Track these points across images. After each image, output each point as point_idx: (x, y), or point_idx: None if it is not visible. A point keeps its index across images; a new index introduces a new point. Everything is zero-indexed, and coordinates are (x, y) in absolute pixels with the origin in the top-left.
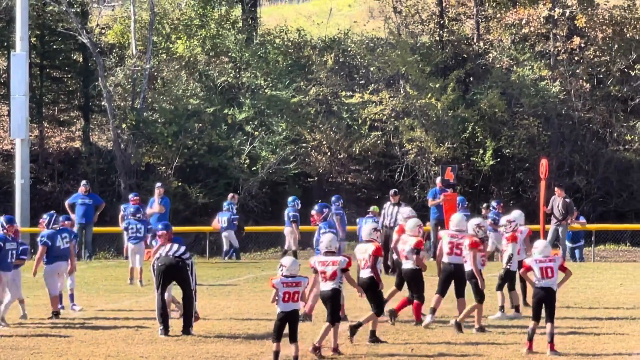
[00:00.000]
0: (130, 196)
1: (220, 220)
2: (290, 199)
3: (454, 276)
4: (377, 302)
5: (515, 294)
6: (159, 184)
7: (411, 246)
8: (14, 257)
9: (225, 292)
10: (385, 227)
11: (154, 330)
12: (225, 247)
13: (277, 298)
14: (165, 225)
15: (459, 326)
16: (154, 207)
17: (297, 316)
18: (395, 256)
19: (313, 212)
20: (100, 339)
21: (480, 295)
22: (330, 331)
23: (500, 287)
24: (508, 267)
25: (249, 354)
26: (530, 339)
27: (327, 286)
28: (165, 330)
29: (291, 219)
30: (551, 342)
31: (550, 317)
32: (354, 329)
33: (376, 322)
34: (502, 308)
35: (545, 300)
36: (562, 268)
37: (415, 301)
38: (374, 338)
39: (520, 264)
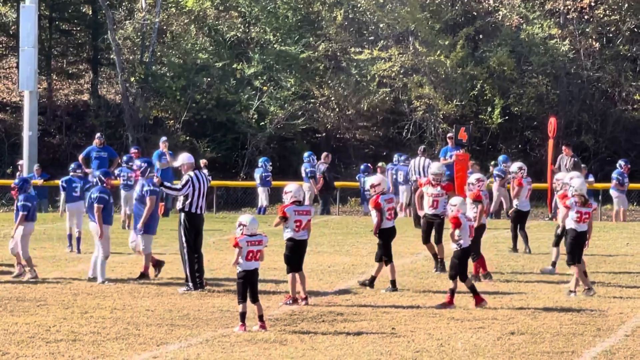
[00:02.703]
0: (132, 150)
1: (255, 177)
2: (305, 154)
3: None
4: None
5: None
6: (164, 138)
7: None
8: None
9: (232, 247)
10: (413, 182)
11: (160, 283)
12: (260, 203)
13: (239, 258)
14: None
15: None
16: (169, 159)
17: (258, 275)
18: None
19: (135, 167)
20: (107, 291)
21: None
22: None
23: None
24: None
25: (255, 308)
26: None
27: (303, 235)
28: (196, 286)
29: (309, 175)
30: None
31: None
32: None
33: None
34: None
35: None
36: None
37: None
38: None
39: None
